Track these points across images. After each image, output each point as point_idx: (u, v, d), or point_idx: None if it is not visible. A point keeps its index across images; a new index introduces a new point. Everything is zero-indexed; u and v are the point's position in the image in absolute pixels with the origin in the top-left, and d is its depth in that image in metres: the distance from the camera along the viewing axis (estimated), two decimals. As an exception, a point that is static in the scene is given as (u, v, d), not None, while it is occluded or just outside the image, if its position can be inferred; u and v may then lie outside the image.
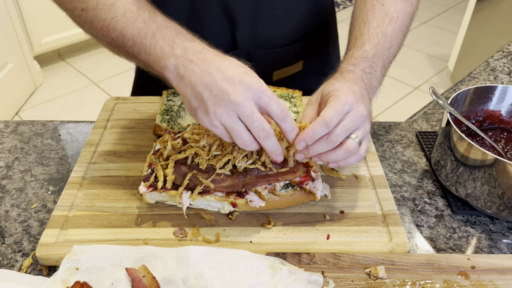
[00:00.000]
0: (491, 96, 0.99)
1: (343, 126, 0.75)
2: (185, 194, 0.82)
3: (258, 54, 1.16)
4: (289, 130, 0.76)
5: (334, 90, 0.78)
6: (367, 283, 0.73)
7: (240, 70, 0.73)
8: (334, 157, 0.77)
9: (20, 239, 0.84)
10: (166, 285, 0.72)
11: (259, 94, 0.72)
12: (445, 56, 4.01)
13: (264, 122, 0.73)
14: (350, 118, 0.75)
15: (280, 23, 1.14)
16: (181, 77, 0.75)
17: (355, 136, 0.76)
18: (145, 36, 0.78)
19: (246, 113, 0.71)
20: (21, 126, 1.14)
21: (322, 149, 0.76)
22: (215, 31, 1.12)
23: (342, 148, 0.76)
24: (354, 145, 0.76)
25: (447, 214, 0.91)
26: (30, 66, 3.29)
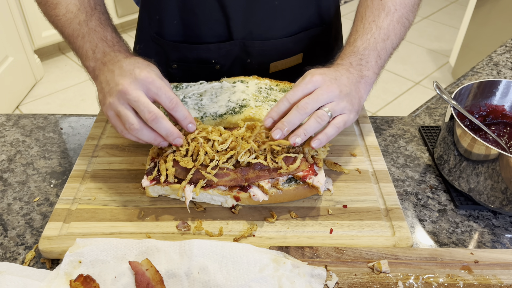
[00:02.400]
0: (495, 91, 0.99)
1: (311, 97, 0.81)
2: (188, 188, 0.82)
3: (254, 44, 1.15)
4: (181, 118, 0.83)
5: (307, 73, 0.85)
6: (370, 277, 0.73)
7: (135, 66, 0.81)
8: (308, 126, 0.80)
9: (22, 232, 0.84)
10: (169, 278, 0.72)
11: (147, 85, 0.79)
12: (446, 51, 4.00)
13: (150, 105, 0.78)
14: (317, 91, 0.81)
15: (278, 13, 1.12)
16: (96, 77, 0.87)
17: (326, 109, 0.81)
18: (77, 38, 0.91)
19: (132, 99, 0.78)
20: (23, 119, 1.14)
21: (294, 118, 0.80)
22: (210, 21, 1.11)
23: (312, 116, 0.81)
24: (324, 113, 0.80)
25: (450, 209, 0.91)
26: (30, 60, 3.29)
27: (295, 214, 0.85)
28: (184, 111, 0.83)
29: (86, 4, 0.94)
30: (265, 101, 1.04)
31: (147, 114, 0.78)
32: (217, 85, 1.09)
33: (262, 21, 1.13)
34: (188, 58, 1.17)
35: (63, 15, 0.93)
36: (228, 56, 1.17)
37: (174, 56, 1.17)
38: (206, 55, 1.16)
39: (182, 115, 0.83)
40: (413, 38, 4.22)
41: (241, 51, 1.16)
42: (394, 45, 0.97)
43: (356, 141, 1.03)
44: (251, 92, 1.06)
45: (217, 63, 1.17)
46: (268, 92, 1.08)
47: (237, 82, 1.09)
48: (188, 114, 0.83)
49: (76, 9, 0.93)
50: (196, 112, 1.01)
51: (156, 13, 1.12)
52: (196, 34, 1.14)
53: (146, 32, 1.17)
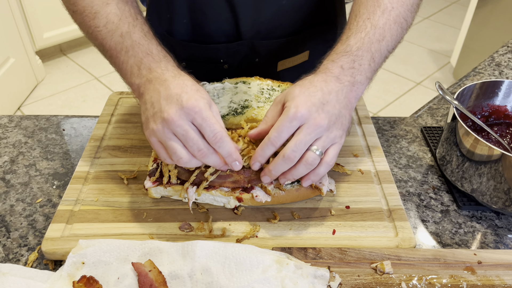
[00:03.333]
0: (497, 91, 0.98)
1: (297, 141, 0.73)
2: (191, 189, 0.82)
3: (262, 44, 1.16)
4: (225, 155, 0.74)
5: (290, 99, 0.75)
6: (374, 278, 0.73)
7: (183, 90, 0.74)
8: (298, 173, 0.76)
9: (25, 233, 0.84)
10: (172, 279, 0.72)
11: (192, 114, 0.72)
12: (447, 51, 4.00)
13: (199, 142, 0.72)
14: (304, 131, 0.73)
15: (285, 12, 1.12)
16: (141, 95, 0.79)
17: (315, 148, 0.74)
18: (120, 51, 0.82)
19: (180, 131, 0.72)
20: (25, 120, 1.14)
21: (282, 168, 0.75)
22: (219, 21, 1.12)
23: (301, 162, 0.74)
24: (314, 157, 0.74)
25: (452, 209, 0.90)
26: (31, 61, 3.29)
27: (298, 215, 0.85)
28: (228, 147, 0.73)
29: (127, 14, 0.86)
30: (267, 101, 1.04)
31: (196, 152, 0.72)
32: (219, 86, 1.09)
33: (270, 21, 1.13)
34: (197, 57, 1.17)
35: (104, 26, 0.84)
36: (237, 56, 1.17)
37: (183, 55, 1.17)
38: (214, 55, 1.16)
39: (226, 152, 0.74)
40: (414, 38, 4.22)
41: (249, 50, 1.16)
42: (390, 48, 0.88)
43: (358, 141, 1.03)
44: (253, 93, 1.06)
45: (225, 62, 1.17)
46: (270, 93, 1.08)
47: (239, 83, 1.09)
48: (234, 151, 0.75)
49: (117, 19, 0.84)
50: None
51: (167, 12, 1.12)
52: (205, 33, 1.14)
53: (156, 30, 1.17)
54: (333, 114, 0.76)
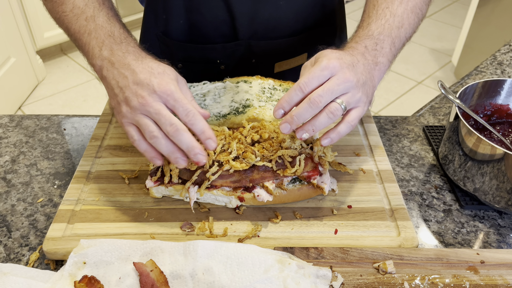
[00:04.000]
0: (500, 90, 0.98)
1: (325, 88, 0.73)
2: (192, 188, 0.81)
3: (259, 44, 1.15)
4: (198, 132, 0.76)
5: (323, 55, 0.77)
6: (376, 277, 0.73)
7: (151, 74, 0.76)
8: (318, 123, 0.74)
9: (26, 233, 0.84)
10: (174, 279, 0.71)
11: (165, 97, 0.74)
12: (449, 50, 3.99)
13: (172, 118, 0.74)
14: (333, 81, 0.73)
15: (283, 13, 1.12)
16: (104, 78, 0.82)
17: (340, 101, 0.74)
18: (83, 34, 0.86)
19: (153, 111, 0.73)
20: (26, 120, 1.13)
21: (305, 113, 0.73)
22: (216, 21, 1.11)
23: (325, 111, 0.74)
24: (337, 108, 0.73)
25: (455, 209, 0.90)
26: (32, 61, 3.29)
27: (300, 215, 0.85)
28: (202, 125, 0.75)
29: None
30: (268, 101, 1.04)
31: (169, 127, 0.73)
32: (220, 85, 1.09)
33: (267, 21, 1.12)
34: (194, 58, 1.17)
35: (70, 11, 0.88)
36: (233, 56, 1.16)
37: (180, 55, 1.17)
38: (211, 55, 1.16)
39: (199, 129, 0.75)
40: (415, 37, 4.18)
41: (246, 51, 1.15)
42: (408, 34, 0.92)
43: (360, 141, 1.03)
44: (254, 92, 1.06)
45: (222, 63, 1.17)
46: (272, 92, 1.07)
47: (240, 82, 1.09)
48: (208, 129, 0.76)
49: (83, 4, 0.88)
50: (200, 113, 1.01)
51: (163, 13, 1.12)
52: (202, 34, 1.14)
53: (151, 32, 1.17)
54: (361, 78, 0.77)
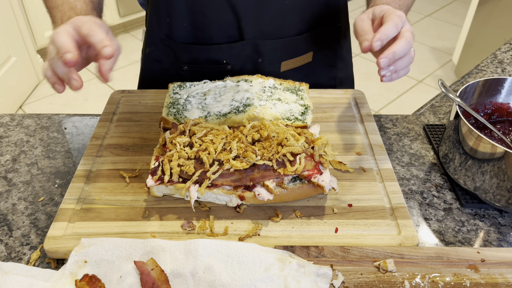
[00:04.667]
0: (500, 89, 0.98)
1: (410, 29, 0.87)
2: (193, 187, 0.81)
3: (265, 44, 1.15)
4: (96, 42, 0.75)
5: (387, 8, 0.89)
6: (376, 276, 0.73)
7: None
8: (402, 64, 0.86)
9: (27, 232, 0.84)
10: (175, 278, 0.72)
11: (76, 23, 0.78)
12: (449, 49, 3.99)
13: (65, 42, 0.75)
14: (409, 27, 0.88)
15: (289, 13, 1.13)
16: None
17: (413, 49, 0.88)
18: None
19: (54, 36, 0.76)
20: (27, 119, 1.14)
21: (403, 49, 0.84)
22: (219, 21, 1.12)
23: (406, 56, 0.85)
24: (412, 52, 0.87)
25: (455, 208, 0.90)
26: (33, 60, 3.29)
27: (300, 213, 0.85)
28: (100, 36, 0.75)
29: None
30: (269, 100, 1.04)
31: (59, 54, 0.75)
32: (220, 84, 1.09)
33: (273, 20, 1.13)
34: (199, 59, 1.17)
35: None
36: (240, 56, 1.17)
37: (185, 58, 1.17)
38: (217, 56, 1.16)
39: (97, 39, 0.75)
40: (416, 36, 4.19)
41: (253, 50, 1.16)
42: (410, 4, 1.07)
43: (361, 139, 1.03)
44: (255, 91, 1.06)
45: (228, 63, 1.17)
46: (272, 91, 1.07)
47: (241, 81, 1.09)
48: (105, 38, 0.75)
49: None
50: (200, 111, 1.01)
51: (166, 16, 1.12)
52: (206, 35, 1.14)
53: (155, 35, 1.17)
54: None
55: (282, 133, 0.86)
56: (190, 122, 0.90)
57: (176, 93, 1.07)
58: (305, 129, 0.92)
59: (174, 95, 1.07)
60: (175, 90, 1.08)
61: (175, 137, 0.87)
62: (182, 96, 1.06)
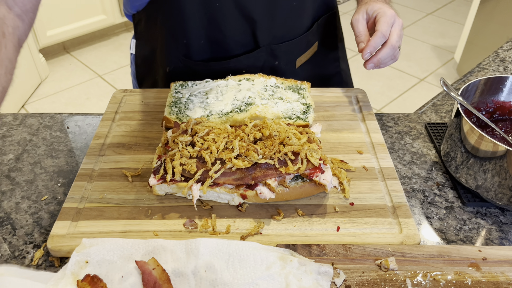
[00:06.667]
0: (502, 87, 0.98)
1: (397, 34, 0.99)
2: (195, 186, 0.82)
3: (280, 47, 1.19)
4: None
5: (379, 8, 1.01)
6: (378, 274, 0.73)
7: None
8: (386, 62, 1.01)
9: (31, 230, 0.84)
10: (176, 277, 0.72)
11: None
12: (451, 47, 3.98)
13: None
14: (398, 27, 1.00)
15: (297, 14, 1.16)
16: None
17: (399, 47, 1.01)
18: None
19: None
20: (30, 118, 1.14)
21: (387, 55, 0.99)
22: (235, 34, 1.14)
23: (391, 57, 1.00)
24: (398, 51, 1.01)
25: (457, 206, 0.90)
26: (35, 59, 3.29)
27: (302, 212, 0.85)
28: None
29: None
30: (271, 98, 1.04)
31: None
32: (222, 83, 1.09)
33: (284, 24, 1.16)
34: (219, 72, 1.18)
35: None
36: (257, 63, 1.19)
37: (205, 73, 1.17)
38: (236, 67, 1.19)
39: None
40: (418, 34, 4.20)
41: (269, 55, 1.19)
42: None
43: (362, 138, 1.03)
44: (256, 90, 1.06)
45: (247, 71, 1.19)
46: (274, 90, 1.08)
47: (243, 80, 1.09)
48: None
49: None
50: (202, 110, 1.01)
51: (183, 38, 1.13)
52: (223, 49, 1.16)
53: (174, 55, 1.18)
54: None
55: (284, 132, 0.86)
56: (192, 121, 0.91)
57: (178, 92, 1.07)
58: (307, 128, 0.92)
59: (176, 94, 1.07)
60: (177, 89, 1.08)
61: (177, 136, 0.88)
62: (184, 95, 1.06)
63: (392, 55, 1.00)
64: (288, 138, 0.85)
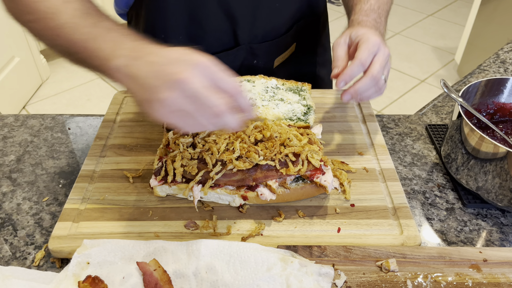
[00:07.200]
0: (503, 89, 0.98)
1: (380, 63, 0.86)
2: (196, 187, 0.82)
3: (260, 47, 1.18)
4: (244, 106, 0.72)
5: (363, 33, 0.89)
6: (379, 276, 0.73)
7: (183, 52, 0.69)
8: (367, 94, 0.88)
9: (32, 232, 0.84)
10: (177, 278, 0.72)
11: (207, 70, 0.68)
12: (451, 48, 3.98)
13: (218, 99, 0.67)
14: (382, 57, 0.86)
15: (279, 14, 1.16)
16: (128, 75, 0.71)
17: (383, 76, 0.87)
18: (89, 41, 0.76)
19: (196, 89, 0.66)
20: (31, 119, 1.14)
21: (367, 86, 0.86)
22: (216, 31, 1.13)
23: (374, 87, 0.87)
24: (383, 82, 0.87)
25: (458, 207, 0.90)
26: (36, 60, 3.30)
27: (303, 213, 0.85)
28: (247, 99, 0.72)
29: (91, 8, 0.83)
30: (271, 100, 1.04)
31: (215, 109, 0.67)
32: (223, 84, 1.09)
33: (265, 24, 1.16)
34: None
35: (67, 23, 0.79)
36: (236, 61, 1.19)
37: None
38: None
39: (244, 103, 0.71)
40: (418, 35, 4.20)
41: (248, 54, 1.18)
42: (390, 9, 1.07)
43: (363, 139, 1.03)
44: (257, 92, 1.06)
45: None
46: (275, 91, 1.08)
47: (244, 82, 1.10)
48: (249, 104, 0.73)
49: (81, 13, 0.80)
50: (203, 112, 1.01)
51: (161, 32, 1.12)
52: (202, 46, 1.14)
53: None
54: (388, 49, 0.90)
55: (284, 133, 0.86)
56: None
57: (179, 93, 1.07)
58: (308, 129, 0.93)
59: (177, 95, 1.07)
60: (178, 91, 1.08)
61: (178, 138, 0.88)
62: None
63: (376, 87, 0.87)
64: (289, 139, 0.85)
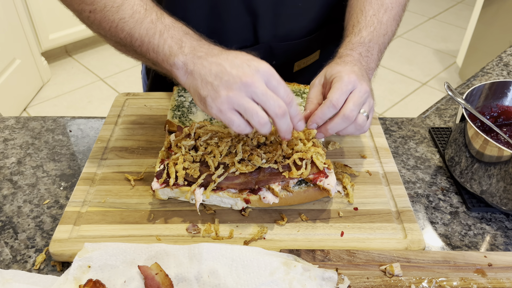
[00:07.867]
0: (507, 92, 0.98)
1: (355, 101, 0.80)
2: (198, 190, 0.81)
3: (279, 46, 1.17)
4: (294, 114, 0.78)
5: (337, 72, 0.83)
6: (383, 280, 0.72)
7: (247, 58, 0.76)
8: (346, 131, 0.83)
9: (33, 235, 0.84)
10: (179, 282, 0.71)
11: (268, 76, 0.74)
12: (453, 51, 3.98)
13: (279, 100, 0.74)
14: (357, 94, 0.81)
15: (301, 15, 1.14)
16: (190, 73, 0.77)
17: (363, 111, 0.82)
18: (153, 36, 0.81)
19: (260, 92, 0.72)
20: (32, 122, 1.14)
21: (340, 126, 0.81)
22: (236, 27, 1.12)
23: (354, 123, 0.81)
24: (363, 119, 0.82)
25: (462, 211, 0.90)
26: (37, 62, 3.30)
27: (306, 217, 0.84)
28: (298, 107, 0.78)
29: (151, 3, 0.87)
30: (274, 103, 1.04)
31: (278, 109, 0.74)
32: (225, 87, 1.08)
33: (287, 23, 1.14)
34: None
35: (130, 16, 0.83)
36: None
37: None
38: None
39: (295, 111, 0.78)
40: (420, 38, 4.20)
41: (267, 53, 1.17)
42: (389, 40, 1.01)
43: (366, 142, 1.02)
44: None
45: None
46: (277, 94, 1.07)
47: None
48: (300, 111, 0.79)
49: (143, 9, 0.84)
50: (205, 114, 1.01)
51: None
52: (221, 40, 1.14)
53: None
54: (368, 85, 0.84)
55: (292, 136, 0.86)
56: (195, 125, 0.90)
57: (181, 95, 1.07)
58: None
59: (179, 97, 1.06)
60: (180, 93, 1.08)
61: (180, 140, 0.87)
62: (187, 99, 1.06)
63: (355, 124, 0.82)
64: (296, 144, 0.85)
